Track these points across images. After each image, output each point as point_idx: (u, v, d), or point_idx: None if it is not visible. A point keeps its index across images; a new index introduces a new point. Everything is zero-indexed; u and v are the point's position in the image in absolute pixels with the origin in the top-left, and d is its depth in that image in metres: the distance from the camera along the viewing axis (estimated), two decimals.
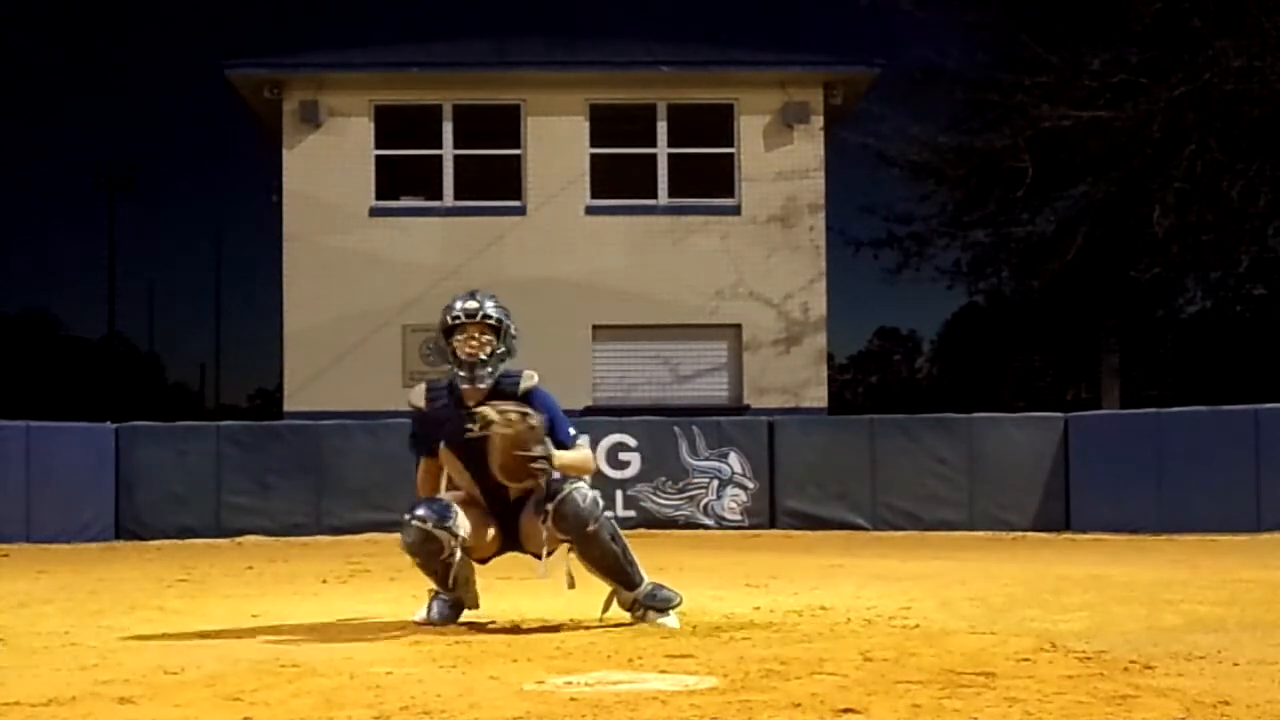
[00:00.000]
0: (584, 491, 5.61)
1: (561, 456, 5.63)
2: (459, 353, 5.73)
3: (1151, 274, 23.15)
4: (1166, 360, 26.62)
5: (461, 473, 5.77)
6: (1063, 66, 20.09)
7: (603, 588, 5.75)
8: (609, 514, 5.76)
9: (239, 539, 14.57)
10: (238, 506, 14.97)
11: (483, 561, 5.90)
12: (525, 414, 5.56)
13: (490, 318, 5.78)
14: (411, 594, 7.63)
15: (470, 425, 5.60)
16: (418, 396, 5.87)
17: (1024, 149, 20.42)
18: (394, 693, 4.06)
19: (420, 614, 5.91)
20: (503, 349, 5.78)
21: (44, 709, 3.92)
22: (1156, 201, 19.92)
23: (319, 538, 14.63)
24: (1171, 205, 19.91)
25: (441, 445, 5.78)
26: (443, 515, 5.62)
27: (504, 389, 5.73)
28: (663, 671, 4.43)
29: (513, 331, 5.86)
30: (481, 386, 5.69)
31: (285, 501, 15.04)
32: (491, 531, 5.80)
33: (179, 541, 14.40)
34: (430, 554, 5.62)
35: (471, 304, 5.81)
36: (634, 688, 4.12)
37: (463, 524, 5.64)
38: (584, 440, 5.91)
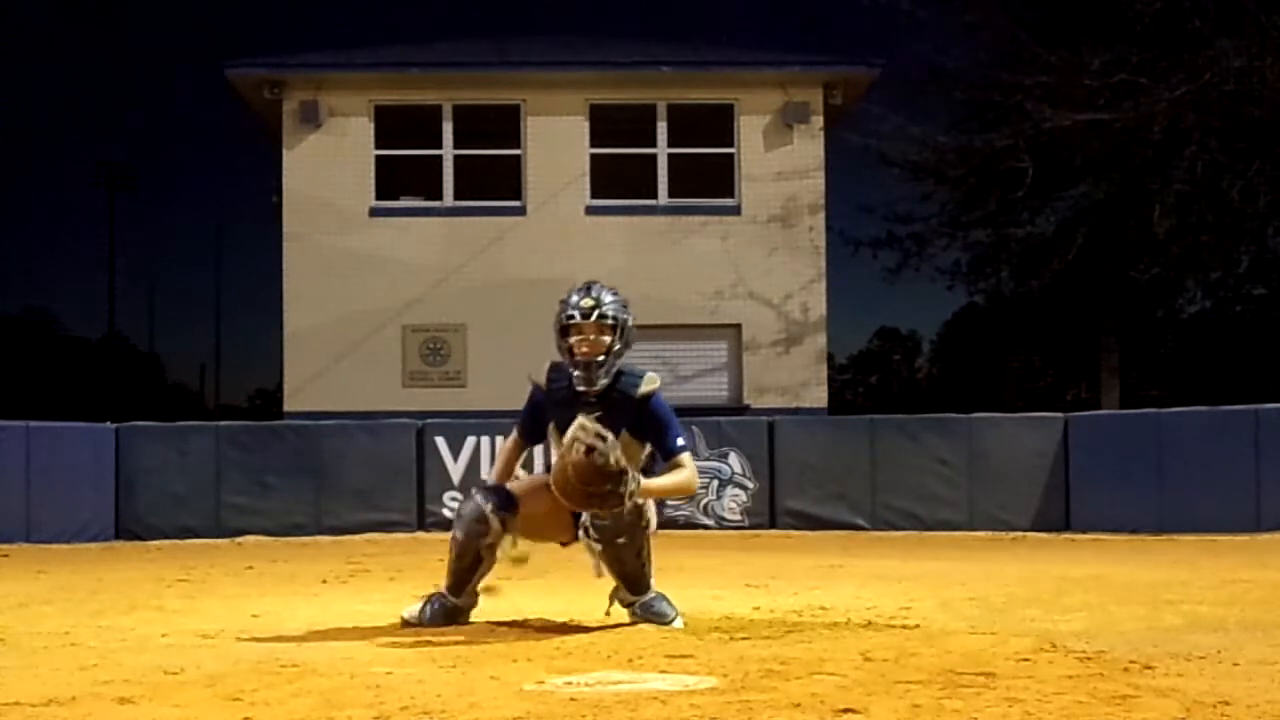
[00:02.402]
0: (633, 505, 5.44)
1: (655, 485, 5.51)
2: (575, 351, 5.57)
3: (1151, 274, 23.16)
4: (1166, 360, 26.60)
5: (554, 449, 5.66)
6: (1063, 66, 20.09)
7: (607, 585, 5.74)
8: (650, 529, 5.60)
9: (239, 539, 14.58)
10: (238, 506, 14.98)
11: (565, 544, 5.80)
12: (605, 437, 5.28)
13: (607, 317, 5.59)
14: (412, 594, 7.63)
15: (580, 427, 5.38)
16: (539, 375, 5.74)
17: (1024, 149, 20.43)
18: (394, 693, 4.05)
19: (411, 611, 5.84)
20: (619, 346, 5.62)
21: (44, 709, 3.92)
22: (1156, 202, 19.94)
23: (319, 538, 14.64)
24: (1171, 205, 19.92)
25: (551, 425, 5.69)
26: (503, 504, 5.57)
27: (622, 389, 5.58)
28: (663, 671, 4.43)
29: (630, 324, 5.68)
30: (598, 387, 5.56)
31: (285, 501, 15.04)
32: (563, 512, 5.62)
33: (179, 541, 14.41)
34: (475, 534, 5.57)
35: (588, 301, 5.60)
36: (634, 688, 4.12)
37: (524, 520, 5.57)
38: (688, 456, 5.63)
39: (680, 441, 5.61)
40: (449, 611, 5.76)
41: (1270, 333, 24.31)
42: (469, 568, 5.68)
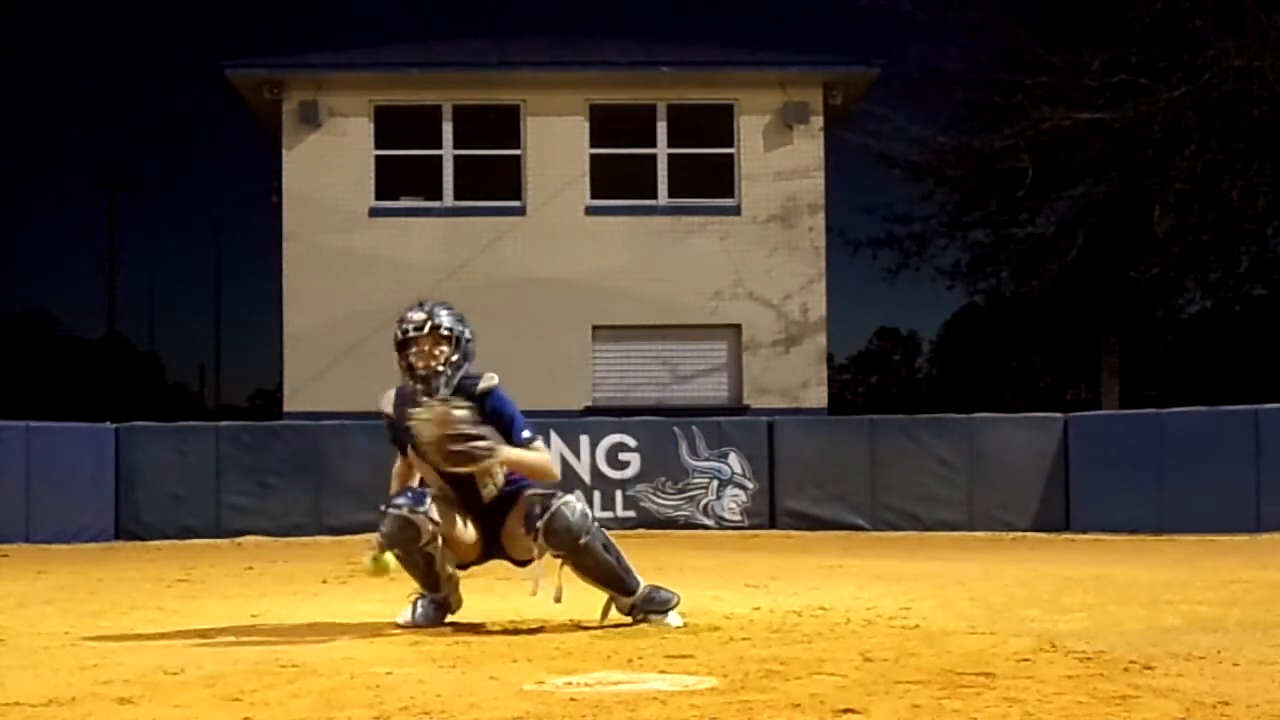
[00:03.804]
0: (573, 505, 5.55)
1: (509, 452, 5.56)
2: (414, 367, 5.63)
3: (1151, 274, 23.18)
4: (1166, 360, 26.63)
5: (430, 474, 5.74)
6: (1063, 66, 20.10)
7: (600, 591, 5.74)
8: (598, 524, 5.69)
9: (239, 539, 14.57)
10: (238, 506, 14.98)
11: (463, 567, 5.85)
12: (445, 400, 5.49)
13: (442, 328, 5.65)
14: (411, 595, 7.63)
15: (408, 424, 5.57)
16: (386, 403, 5.82)
17: (1024, 149, 20.43)
18: (394, 693, 4.05)
19: (404, 615, 5.85)
20: (458, 356, 5.66)
21: (44, 709, 3.92)
22: (1156, 202, 19.93)
23: (319, 538, 14.63)
24: (1171, 205, 19.92)
25: (410, 451, 5.75)
26: (418, 500, 5.60)
27: (463, 389, 5.64)
28: (662, 672, 4.43)
29: (468, 336, 5.72)
30: (440, 397, 5.58)
31: (285, 501, 15.04)
32: (471, 531, 5.73)
33: (179, 541, 14.40)
34: (409, 541, 5.58)
35: (420, 315, 5.67)
36: (634, 688, 4.12)
37: (438, 514, 5.60)
38: (541, 444, 5.75)
39: (527, 433, 5.66)
40: (438, 605, 5.80)
41: (1270, 333, 24.33)
42: (427, 568, 5.70)
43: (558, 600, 5.56)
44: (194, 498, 14.96)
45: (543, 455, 5.75)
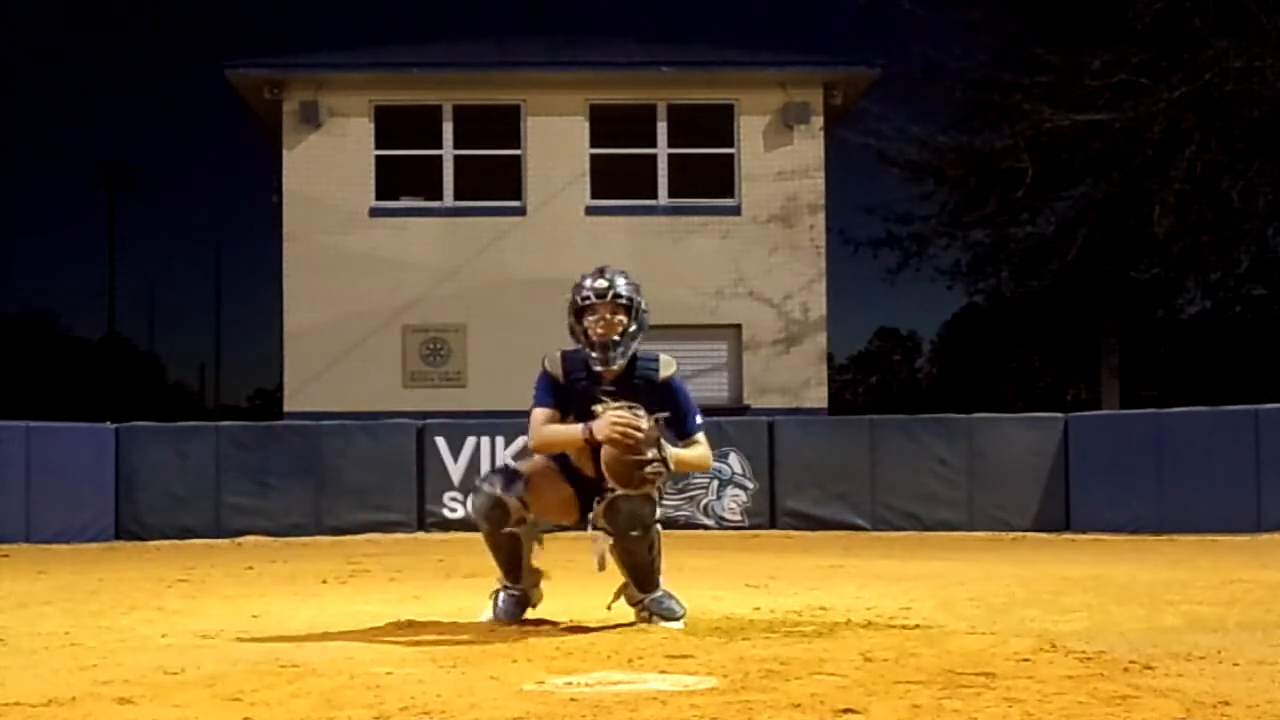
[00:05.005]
0: (647, 500, 5.48)
1: (680, 456, 5.57)
2: (591, 334, 5.61)
3: (1151, 274, 23.19)
4: (1166, 360, 26.60)
5: (584, 452, 5.62)
6: (1063, 66, 20.10)
7: (609, 584, 5.75)
8: (660, 526, 5.62)
9: (239, 539, 14.57)
10: (238, 506, 14.97)
11: (559, 527, 5.75)
12: (636, 411, 5.43)
13: (621, 297, 5.65)
14: (412, 594, 7.63)
15: (596, 408, 5.48)
16: (554, 365, 5.70)
17: (1024, 149, 20.43)
18: (394, 693, 4.05)
19: (486, 614, 5.84)
20: (634, 327, 5.65)
21: (44, 709, 3.91)
22: (1156, 202, 19.94)
23: (319, 538, 14.63)
24: (1171, 205, 19.92)
25: (570, 418, 5.65)
26: (509, 480, 5.58)
27: (641, 374, 5.64)
28: (663, 672, 4.42)
29: (644, 307, 5.73)
30: (615, 368, 5.60)
31: (285, 501, 15.04)
32: (568, 494, 5.65)
33: (179, 542, 14.40)
34: (497, 521, 5.57)
35: (602, 282, 5.66)
36: (634, 688, 4.12)
37: (532, 496, 5.54)
38: (701, 437, 5.75)
39: (699, 420, 5.74)
40: (518, 600, 5.79)
41: (1270, 333, 24.31)
42: (511, 555, 5.69)
43: (601, 569, 5.59)
44: (194, 498, 14.96)
45: (704, 449, 5.76)
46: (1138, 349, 25.69)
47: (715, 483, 15.37)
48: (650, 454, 5.38)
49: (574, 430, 5.54)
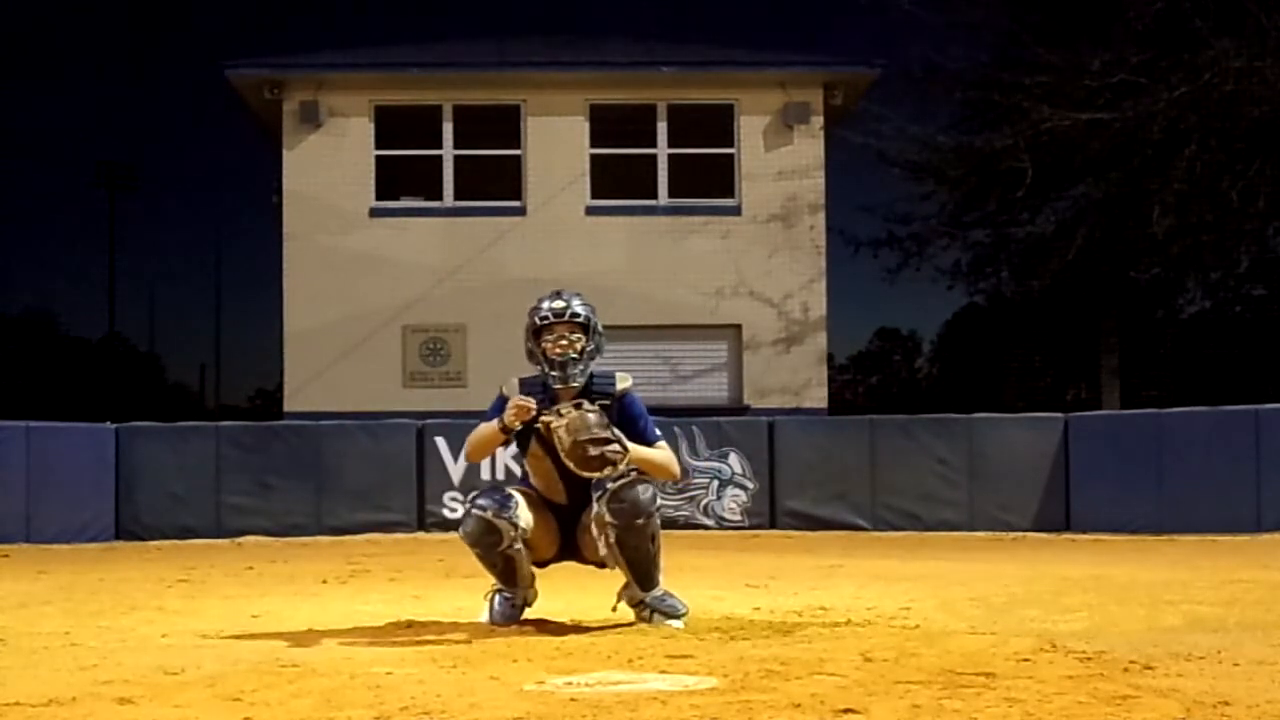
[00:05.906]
0: (649, 487, 5.60)
1: (639, 450, 5.65)
2: (550, 353, 5.75)
3: (1151, 274, 23.17)
4: (1166, 360, 26.58)
5: (551, 473, 5.74)
6: (1063, 66, 20.10)
7: (607, 588, 5.75)
8: (659, 519, 5.70)
9: (239, 539, 14.58)
10: (238, 507, 14.98)
11: (541, 565, 5.86)
12: (580, 403, 5.59)
13: (579, 316, 5.80)
14: (412, 594, 7.64)
15: (545, 416, 5.60)
16: (511, 390, 5.83)
17: (1024, 149, 20.43)
18: (394, 693, 4.05)
19: (483, 615, 5.86)
20: (592, 346, 5.80)
21: (44, 709, 3.92)
22: (1156, 202, 19.93)
23: (319, 538, 14.64)
24: (1171, 205, 19.91)
25: (533, 443, 5.75)
26: (503, 505, 5.60)
27: (598, 389, 5.76)
28: (663, 672, 4.43)
29: (599, 328, 5.87)
30: (574, 385, 5.72)
31: (285, 501, 15.04)
32: (553, 531, 5.78)
33: (179, 542, 14.41)
34: (490, 545, 5.60)
35: (559, 303, 5.84)
36: (634, 688, 4.12)
37: (523, 515, 5.61)
38: (664, 443, 5.89)
39: (658, 432, 5.87)
40: (514, 604, 5.82)
41: (1270, 333, 24.30)
42: (506, 569, 5.71)
43: (603, 566, 5.68)
44: (194, 498, 14.96)
45: (668, 453, 5.89)
46: (1138, 349, 25.68)
47: (715, 483, 15.37)
48: (601, 434, 5.49)
49: (491, 425, 5.73)
